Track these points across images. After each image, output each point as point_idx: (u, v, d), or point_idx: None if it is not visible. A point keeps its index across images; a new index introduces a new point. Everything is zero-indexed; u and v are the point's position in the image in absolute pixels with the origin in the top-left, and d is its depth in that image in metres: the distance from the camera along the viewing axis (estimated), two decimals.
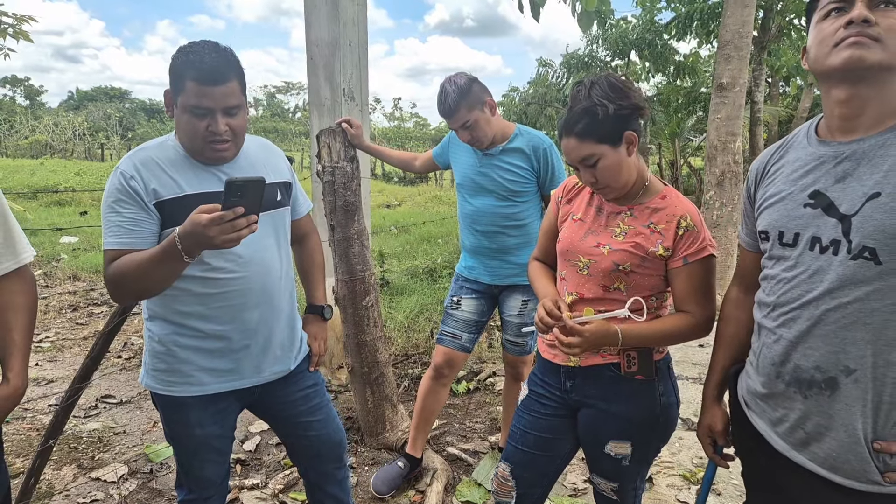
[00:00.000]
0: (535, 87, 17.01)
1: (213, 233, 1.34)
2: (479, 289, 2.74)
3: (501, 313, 2.79)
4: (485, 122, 2.48)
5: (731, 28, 5.89)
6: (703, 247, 1.58)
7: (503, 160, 2.55)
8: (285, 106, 76.98)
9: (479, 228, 2.64)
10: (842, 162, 1.18)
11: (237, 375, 1.74)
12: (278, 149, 1.92)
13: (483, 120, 2.47)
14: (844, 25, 1.13)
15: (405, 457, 2.85)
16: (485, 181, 2.58)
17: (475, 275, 2.74)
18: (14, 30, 4.97)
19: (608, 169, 1.55)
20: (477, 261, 2.72)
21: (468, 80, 2.45)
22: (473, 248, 2.71)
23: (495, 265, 2.67)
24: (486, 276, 2.70)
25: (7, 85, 76.30)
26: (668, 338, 1.61)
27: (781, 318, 1.25)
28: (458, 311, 2.75)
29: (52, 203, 12.22)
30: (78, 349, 4.68)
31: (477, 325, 2.76)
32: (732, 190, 6.09)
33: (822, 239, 1.18)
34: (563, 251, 1.72)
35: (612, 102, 1.50)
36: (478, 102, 2.45)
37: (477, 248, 2.69)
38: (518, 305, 2.69)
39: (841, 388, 1.16)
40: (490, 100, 2.50)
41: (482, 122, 2.47)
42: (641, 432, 1.68)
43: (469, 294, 2.75)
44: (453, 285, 2.84)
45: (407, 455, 2.85)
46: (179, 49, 1.54)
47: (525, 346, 2.79)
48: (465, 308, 2.75)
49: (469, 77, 2.47)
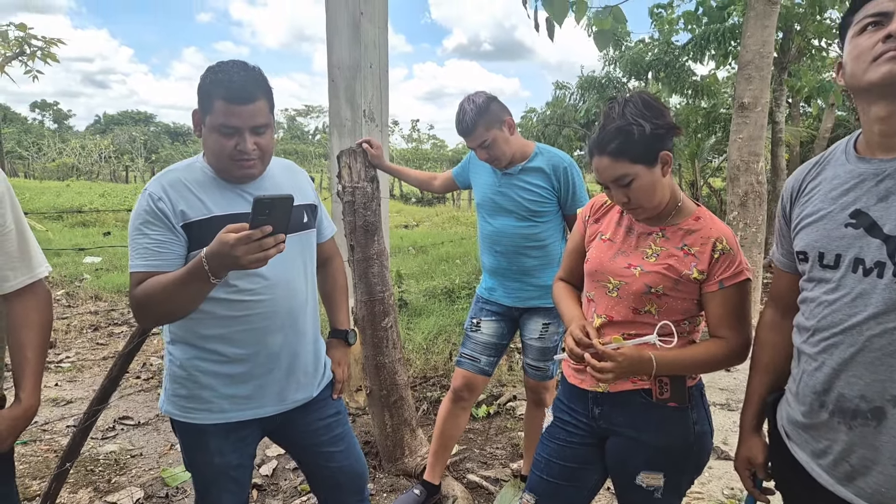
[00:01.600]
0: (552, 109, 17.05)
1: (240, 252, 1.31)
2: (499, 311, 2.69)
3: (522, 336, 2.73)
4: (503, 140, 2.44)
5: (751, 48, 5.85)
6: (740, 270, 1.53)
7: (523, 179, 2.51)
8: (305, 129, 78.05)
9: (499, 249, 2.60)
10: (884, 180, 1.13)
11: (259, 403, 1.70)
12: (303, 170, 1.91)
13: (501, 139, 2.44)
14: (883, 39, 1.09)
15: (423, 484, 2.78)
16: (504, 201, 2.54)
17: (495, 297, 2.69)
18: (43, 52, 5.11)
19: (642, 189, 1.51)
20: (497, 282, 2.68)
21: (487, 99, 2.43)
22: (493, 269, 2.67)
23: (516, 287, 2.63)
24: (506, 298, 2.66)
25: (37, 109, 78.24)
26: (703, 365, 1.56)
27: (822, 343, 1.19)
28: (478, 334, 2.71)
29: (76, 224, 12.41)
30: (98, 369, 4.69)
31: (496, 347, 2.71)
32: (756, 210, 5.99)
33: (865, 261, 1.12)
34: (592, 272, 1.67)
35: (649, 121, 1.46)
36: (496, 121, 2.42)
37: (497, 269, 2.65)
38: (539, 329, 2.63)
39: (888, 419, 1.10)
40: (509, 119, 2.47)
41: (500, 140, 2.44)
42: (674, 462, 1.61)
43: (489, 316, 2.70)
44: (473, 307, 2.79)
45: (424, 482, 2.79)
46: (208, 69, 1.54)
47: (547, 371, 2.72)
48: (484, 330, 2.70)
49: (488, 96, 2.45)
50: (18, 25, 5.57)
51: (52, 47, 5.04)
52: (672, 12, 11.48)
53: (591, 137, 1.55)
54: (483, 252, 2.71)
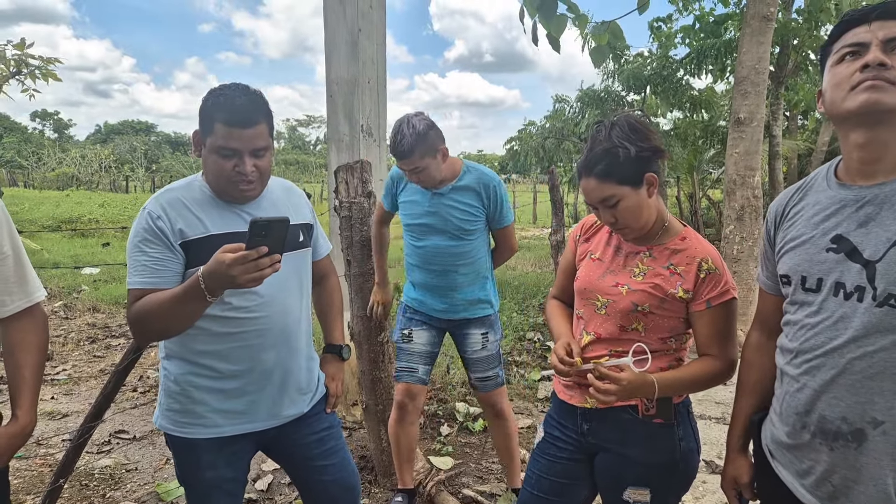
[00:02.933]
0: (551, 122, 17.12)
1: (237, 272, 1.34)
2: (429, 321, 2.73)
3: (463, 353, 2.75)
4: (435, 168, 2.46)
5: (747, 64, 5.90)
6: (726, 290, 1.56)
7: (453, 198, 2.54)
8: (306, 139, 78.34)
9: (433, 268, 2.63)
10: (864, 206, 1.16)
11: (252, 417, 1.72)
12: (300, 190, 1.94)
13: (434, 166, 2.45)
14: (860, 69, 1.12)
15: (401, 493, 2.84)
16: (436, 221, 2.56)
17: (425, 308, 2.72)
18: (41, 71, 5.17)
19: (628, 210, 1.54)
20: (426, 295, 2.70)
21: (426, 126, 2.41)
22: (424, 284, 2.69)
23: (446, 301, 2.67)
24: (436, 311, 2.69)
25: (37, 118, 78.50)
26: (698, 384, 1.60)
27: (805, 365, 1.21)
28: (411, 345, 2.72)
29: (75, 234, 12.43)
30: (94, 382, 4.69)
31: (430, 356, 2.75)
32: (752, 224, 6.03)
33: (846, 285, 1.15)
34: (581, 290, 1.70)
35: (634, 144, 1.50)
36: (432, 150, 2.42)
37: (427, 285, 2.68)
38: (479, 341, 2.69)
39: (869, 441, 1.12)
40: (444, 148, 2.47)
41: (432, 168, 2.45)
42: (661, 479, 1.63)
43: (419, 326, 2.73)
44: (401, 319, 2.79)
45: (402, 490, 2.84)
46: (210, 91, 1.57)
47: (498, 378, 2.75)
48: (416, 340, 2.72)
49: (428, 122, 2.43)
50: (16, 44, 5.60)
51: (49, 65, 5.10)
52: (671, 27, 11.58)
53: (579, 159, 1.59)
54: (412, 268, 2.71)
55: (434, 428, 3.79)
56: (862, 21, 1.16)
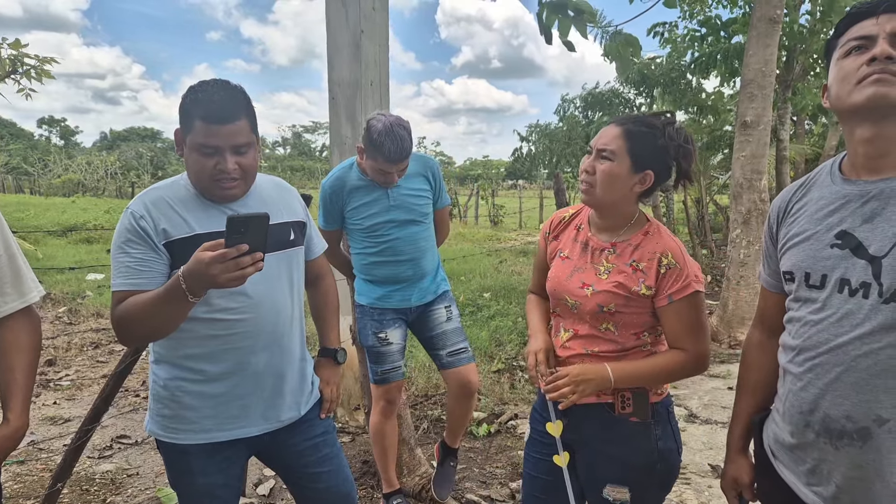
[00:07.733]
0: (564, 121, 17.02)
1: (216, 271, 1.28)
2: (397, 315, 2.70)
3: (431, 332, 2.72)
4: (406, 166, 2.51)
5: (753, 67, 5.88)
6: (688, 283, 1.54)
7: (408, 187, 2.59)
8: (312, 145, 78.57)
9: (402, 258, 2.61)
10: (869, 201, 1.13)
11: (244, 422, 1.68)
12: (293, 188, 1.90)
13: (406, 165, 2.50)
14: (867, 62, 1.10)
15: (396, 495, 2.83)
16: (402, 213, 2.58)
17: (391, 303, 2.67)
18: (36, 70, 5.17)
19: (609, 175, 1.54)
20: (394, 289, 2.66)
21: (407, 125, 2.42)
22: (390, 279, 2.64)
23: (414, 287, 2.68)
24: (406, 303, 2.68)
25: (44, 125, 79.02)
26: (662, 375, 1.59)
27: (808, 363, 1.19)
28: (390, 347, 2.66)
29: (80, 240, 12.47)
30: (97, 387, 4.68)
31: (404, 349, 2.75)
32: (759, 228, 5.98)
33: (851, 281, 1.12)
34: (552, 291, 1.71)
35: (669, 142, 1.51)
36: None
37: (397, 278, 2.64)
38: (444, 313, 2.74)
39: (874, 439, 1.10)
40: None
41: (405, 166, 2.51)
42: (638, 478, 1.62)
43: (391, 325, 2.67)
44: (369, 323, 2.68)
45: (396, 492, 2.84)
46: (189, 88, 1.53)
47: (469, 351, 2.74)
48: (392, 339, 2.67)
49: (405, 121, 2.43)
50: (12, 43, 5.62)
51: (45, 65, 5.11)
52: (675, 34, 11.55)
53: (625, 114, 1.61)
54: (373, 267, 2.64)
55: (437, 433, 3.75)
56: (869, 14, 1.13)
